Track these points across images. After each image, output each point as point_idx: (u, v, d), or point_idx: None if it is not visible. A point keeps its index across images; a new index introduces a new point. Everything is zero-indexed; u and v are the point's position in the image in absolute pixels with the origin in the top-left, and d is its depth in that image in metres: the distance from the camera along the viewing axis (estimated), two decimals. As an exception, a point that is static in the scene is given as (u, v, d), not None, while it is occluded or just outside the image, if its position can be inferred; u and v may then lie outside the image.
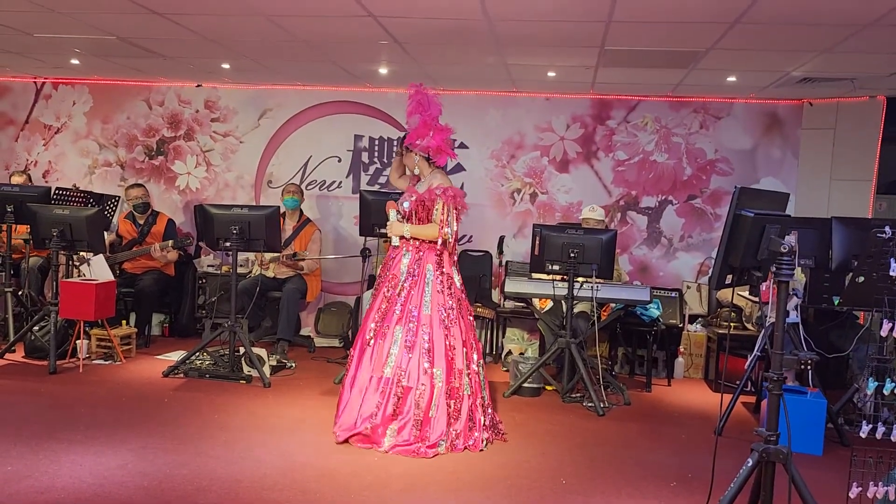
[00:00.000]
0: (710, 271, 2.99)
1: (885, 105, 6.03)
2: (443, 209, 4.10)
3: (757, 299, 5.51)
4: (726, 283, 2.70)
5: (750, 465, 2.77)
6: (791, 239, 2.73)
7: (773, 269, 2.75)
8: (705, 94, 6.42)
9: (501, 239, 6.64)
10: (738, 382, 5.58)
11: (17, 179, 6.67)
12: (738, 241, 2.67)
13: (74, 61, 6.34)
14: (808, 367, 2.75)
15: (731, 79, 5.64)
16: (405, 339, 4.01)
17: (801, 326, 4.56)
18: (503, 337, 6.61)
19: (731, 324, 5.87)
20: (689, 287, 6.46)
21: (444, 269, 4.15)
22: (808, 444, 4.15)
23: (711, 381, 5.93)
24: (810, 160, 6.38)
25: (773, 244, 2.74)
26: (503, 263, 6.63)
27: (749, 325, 5.86)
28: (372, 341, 4.07)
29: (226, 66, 6.21)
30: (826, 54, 4.74)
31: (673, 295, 6.20)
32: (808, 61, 4.96)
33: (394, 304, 4.08)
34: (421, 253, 4.15)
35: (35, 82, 7.45)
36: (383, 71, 6.01)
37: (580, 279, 5.03)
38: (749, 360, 4.68)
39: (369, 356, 4.06)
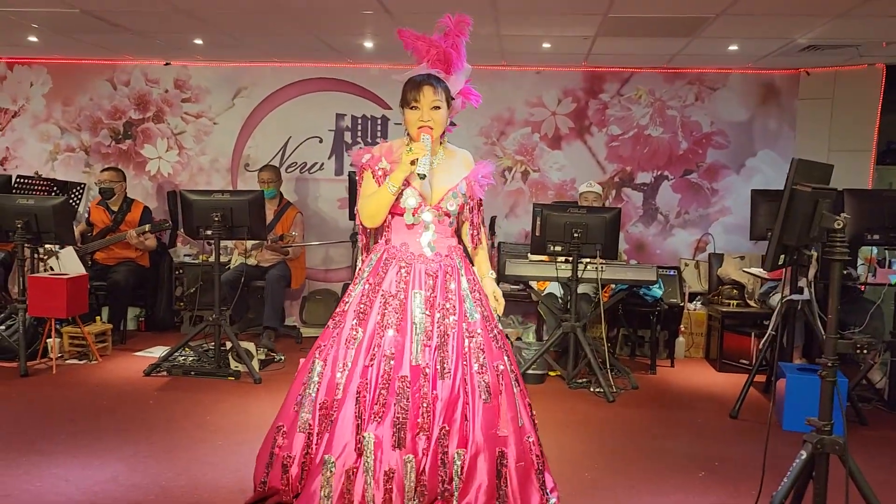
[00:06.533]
0: (766, 250, 2.78)
1: (884, 73, 5.89)
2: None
3: (763, 275, 5.37)
4: (780, 263, 2.49)
5: (804, 457, 2.59)
6: (844, 215, 2.54)
7: (825, 247, 2.55)
8: (701, 64, 6.22)
9: (493, 219, 6.39)
10: (742, 361, 5.47)
11: None
12: (794, 218, 2.45)
13: (32, 38, 5.87)
14: (864, 352, 2.56)
15: (734, 47, 5.43)
16: None
17: (814, 303, 4.41)
18: (497, 321, 6.37)
19: (734, 301, 5.73)
20: (686, 265, 6.29)
21: None
22: (831, 425, 4.01)
23: (713, 361, 5.79)
24: (808, 131, 6.23)
25: (827, 220, 2.53)
26: (496, 245, 6.38)
27: (751, 302, 5.72)
28: None
29: (198, 41, 5.81)
30: (838, 19, 4.56)
31: (671, 273, 6.01)
32: (819, 27, 4.77)
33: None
34: None
35: (-12, 63, 6.95)
36: (368, 45, 5.67)
37: (584, 260, 4.82)
38: (764, 338, 4.52)
39: None
